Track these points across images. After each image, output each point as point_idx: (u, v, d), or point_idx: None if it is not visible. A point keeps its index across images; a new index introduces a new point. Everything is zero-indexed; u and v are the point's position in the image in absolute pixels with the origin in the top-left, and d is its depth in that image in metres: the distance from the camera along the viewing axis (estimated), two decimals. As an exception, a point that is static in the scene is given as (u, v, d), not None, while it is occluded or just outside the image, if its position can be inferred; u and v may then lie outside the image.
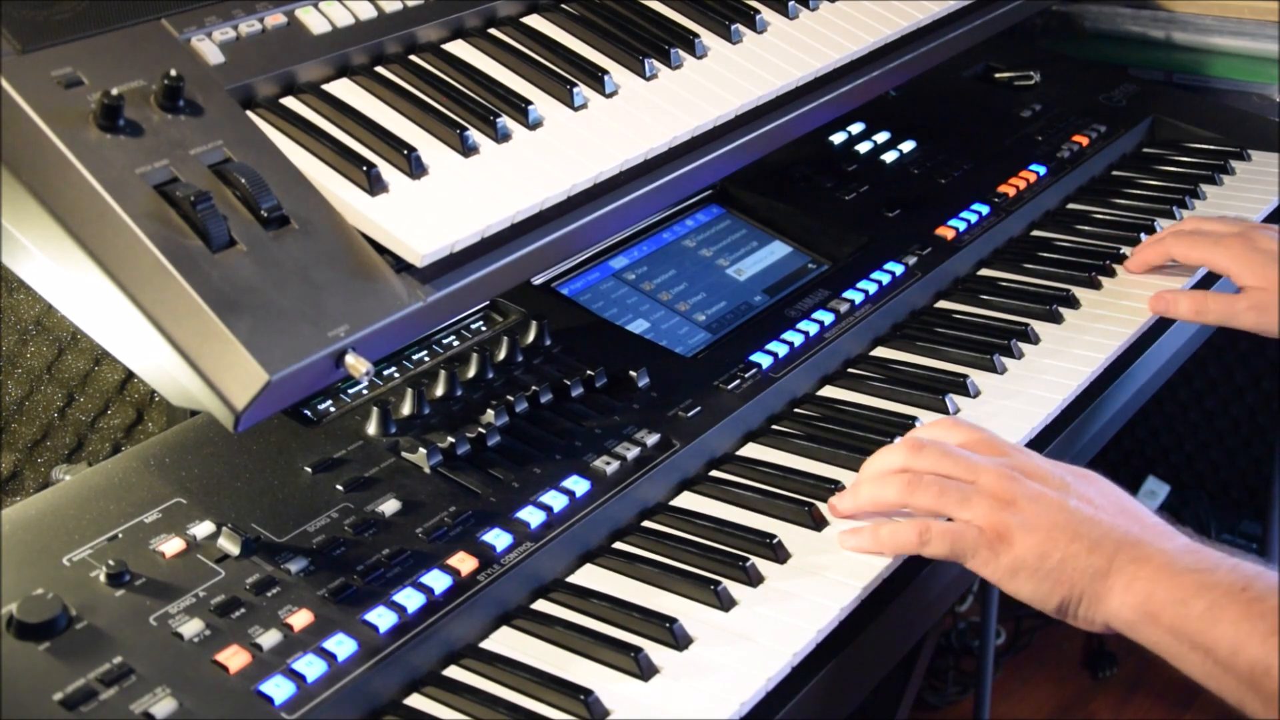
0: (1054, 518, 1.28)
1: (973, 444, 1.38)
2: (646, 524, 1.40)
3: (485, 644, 1.24)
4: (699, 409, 1.50)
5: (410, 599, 1.21)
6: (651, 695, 1.19)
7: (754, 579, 1.32)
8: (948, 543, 1.31)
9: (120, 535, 1.22)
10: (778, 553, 1.35)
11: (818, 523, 1.39)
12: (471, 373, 1.48)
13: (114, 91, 1.20)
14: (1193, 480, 2.93)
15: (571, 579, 1.32)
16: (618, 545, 1.37)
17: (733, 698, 1.18)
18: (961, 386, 1.61)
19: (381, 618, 1.19)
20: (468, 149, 1.39)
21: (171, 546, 1.21)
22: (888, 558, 1.35)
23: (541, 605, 1.29)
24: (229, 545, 1.22)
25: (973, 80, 2.38)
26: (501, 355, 1.51)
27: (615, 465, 1.40)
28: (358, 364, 1.19)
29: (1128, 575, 1.25)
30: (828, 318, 1.67)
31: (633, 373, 1.52)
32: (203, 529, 1.23)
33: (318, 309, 1.19)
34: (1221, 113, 2.35)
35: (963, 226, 1.91)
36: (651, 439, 1.44)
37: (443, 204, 1.32)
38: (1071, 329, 1.76)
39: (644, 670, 1.20)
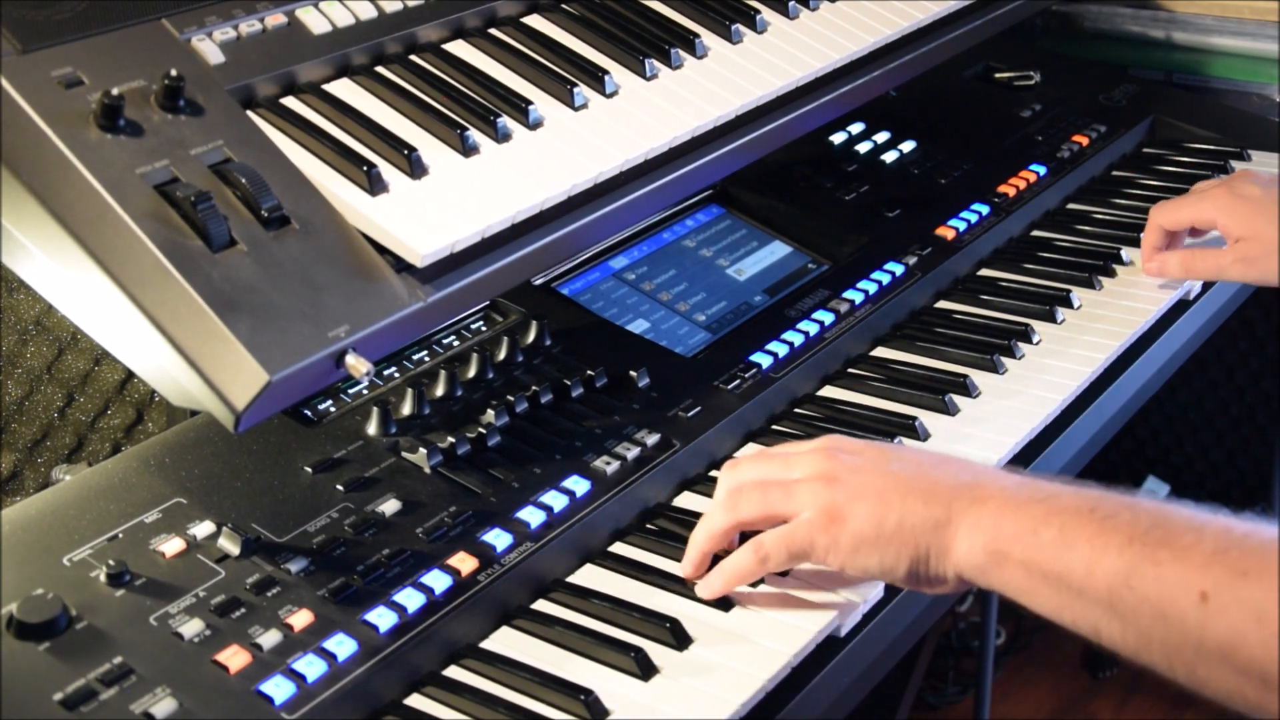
0: (881, 481, 1.23)
1: (788, 447, 1.33)
2: (647, 524, 1.40)
3: (485, 644, 1.24)
4: (699, 409, 1.50)
5: (410, 599, 1.21)
6: (651, 695, 1.19)
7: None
8: (784, 547, 1.25)
9: (120, 535, 1.22)
10: (778, 553, 1.35)
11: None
12: (471, 373, 1.48)
13: (114, 91, 1.20)
14: (1193, 480, 2.93)
15: (571, 579, 1.32)
16: (618, 545, 1.37)
17: (732, 698, 1.18)
18: (961, 386, 1.61)
19: (381, 618, 1.19)
20: (468, 149, 1.39)
21: (171, 546, 1.21)
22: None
23: (541, 605, 1.29)
24: (229, 545, 1.22)
25: (973, 80, 2.38)
26: (501, 355, 1.51)
27: (615, 465, 1.40)
28: (358, 364, 1.19)
29: (971, 517, 1.19)
30: (828, 318, 1.67)
31: (633, 373, 1.52)
32: (203, 529, 1.23)
33: (318, 309, 1.19)
34: (1221, 113, 2.35)
35: (963, 226, 1.91)
36: (651, 439, 1.44)
37: (443, 204, 1.32)
38: (1071, 329, 1.76)
39: (644, 670, 1.20)
